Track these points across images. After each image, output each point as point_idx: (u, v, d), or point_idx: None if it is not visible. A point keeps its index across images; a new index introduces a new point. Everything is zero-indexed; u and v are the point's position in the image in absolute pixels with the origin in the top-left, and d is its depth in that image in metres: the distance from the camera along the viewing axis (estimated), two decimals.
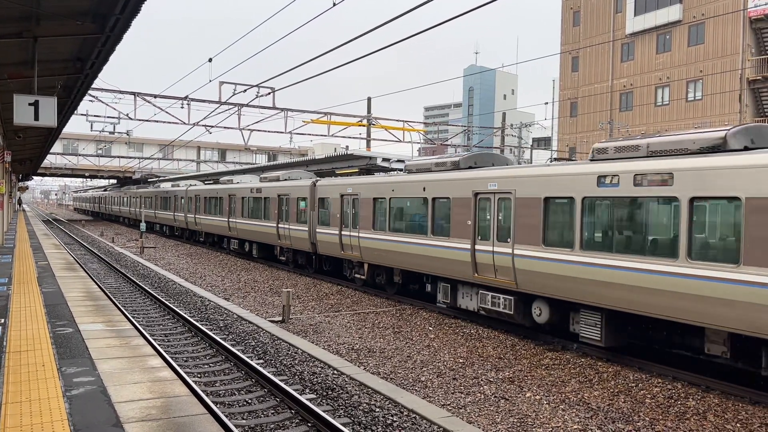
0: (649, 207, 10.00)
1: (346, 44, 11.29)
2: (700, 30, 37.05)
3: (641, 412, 8.59)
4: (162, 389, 6.37)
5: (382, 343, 12.31)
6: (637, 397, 9.19)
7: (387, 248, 16.64)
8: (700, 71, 36.93)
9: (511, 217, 12.54)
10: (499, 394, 9.23)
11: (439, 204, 14.78)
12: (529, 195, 12.11)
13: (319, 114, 33.54)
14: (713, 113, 36.17)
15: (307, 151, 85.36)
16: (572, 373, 10.40)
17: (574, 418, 8.30)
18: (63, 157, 63.03)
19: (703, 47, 36.87)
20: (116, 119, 29.31)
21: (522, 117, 67.82)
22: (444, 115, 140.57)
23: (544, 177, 11.86)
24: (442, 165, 15.40)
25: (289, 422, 7.94)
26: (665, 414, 8.51)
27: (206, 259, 28.52)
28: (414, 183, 15.71)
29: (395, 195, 16.39)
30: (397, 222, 16.40)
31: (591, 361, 11.09)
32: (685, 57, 37.85)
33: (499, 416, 8.32)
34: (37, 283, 13.69)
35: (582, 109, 44.73)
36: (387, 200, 16.70)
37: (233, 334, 12.93)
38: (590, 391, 9.47)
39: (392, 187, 16.52)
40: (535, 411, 8.54)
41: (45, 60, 11.70)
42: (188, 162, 73.02)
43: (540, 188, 11.87)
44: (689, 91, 37.73)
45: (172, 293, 18.20)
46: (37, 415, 5.49)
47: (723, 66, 35.70)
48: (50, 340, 8.31)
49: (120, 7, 8.61)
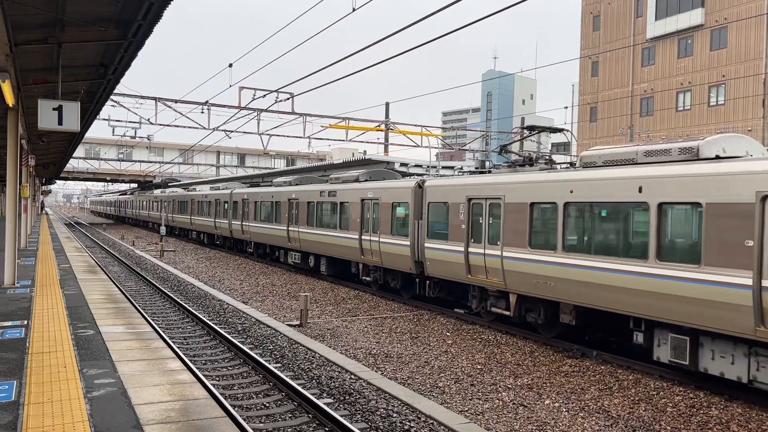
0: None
1: (364, 50, 11.33)
2: (722, 34, 36.61)
3: (662, 420, 8.47)
4: (181, 392, 6.41)
5: (400, 348, 12.28)
6: (659, 406, 9.06)
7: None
8: (722, 76, 36.47)
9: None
10: (517, 400, 9.16)
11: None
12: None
13: (337, 119, 33.67)
14: (736, 118, 35.68)
15: (325, 155, 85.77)
16: (592, 380, 10.28)
17: (593, 426, 8.21)
18: (85, 161, 63.95)
19: (725, 51, 36.41)
20: (137, 124, 29.69)
21: (541, 122, 67.44)
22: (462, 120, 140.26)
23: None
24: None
25: (306, 426, 7.95)
26: (687, 423, 8.38)
27: (225, 262, 28.71)
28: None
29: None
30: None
31: (611, 368, 10.96)
32: (707, 61, 37.41)
33: (517, 423, 8.25)
34: (60, 286, 13.88)
35: (602, 114, 44.39)
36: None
37: (251, 337, 12.99)
38: (610, 398, 9.35)
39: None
40: (554, 418, 8.45)
41: (69, 65, 11.88)
42: (208, 167, 73.73)
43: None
44: (711, 95, 37.27)
45: (191, 296, 18.35)
46: (58, 416, 5.55)
47: (746, 70, 35.21)
48: (72, 342, 8.41)
49: (143, 13, 8.73)
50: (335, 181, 22.02)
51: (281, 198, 25.46)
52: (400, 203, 17.28)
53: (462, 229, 14.57)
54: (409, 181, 17.29)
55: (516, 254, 12.84)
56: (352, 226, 19.61)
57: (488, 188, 13.87)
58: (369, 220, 18.76)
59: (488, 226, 13.82)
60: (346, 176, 21.37)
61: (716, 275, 9.08)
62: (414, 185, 16.73)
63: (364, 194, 19.13)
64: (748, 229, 8.70)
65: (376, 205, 18.48)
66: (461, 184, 14.91)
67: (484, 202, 13.97)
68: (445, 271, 15.27)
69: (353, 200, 19.67)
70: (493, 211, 13.73)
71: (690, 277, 9.42)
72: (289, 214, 24.55)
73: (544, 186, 12.28)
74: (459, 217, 14.75)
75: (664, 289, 9.78)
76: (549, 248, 12.08)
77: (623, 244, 10.70)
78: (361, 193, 19.25)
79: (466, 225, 14.45)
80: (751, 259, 8.63)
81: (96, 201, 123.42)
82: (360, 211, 19.17)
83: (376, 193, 18.44)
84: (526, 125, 17.46)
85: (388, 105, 38.77)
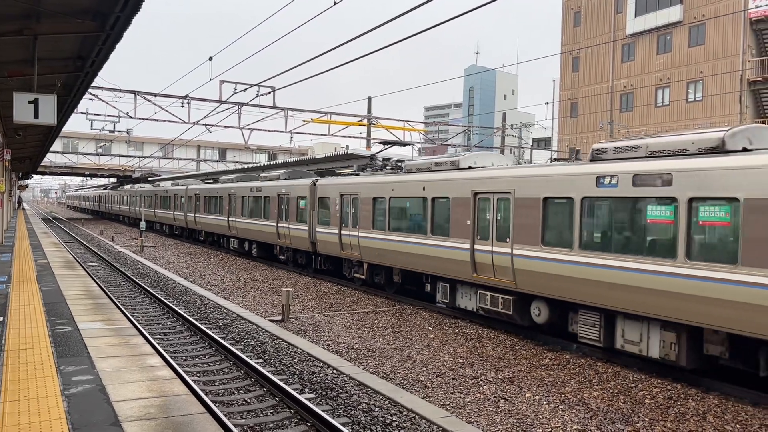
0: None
1: (346, 44, 11.27)
2: (700, 31, 37.04)
3: (641, 412, 8.58)
4: (161, 388, 6.35)
5: (382, 342, 12.30)
6: (637, 398, 9.18)
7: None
8: (700, 72, 36.92)
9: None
10: (498, 394, 9.22)
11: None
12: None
13: (319, 113, 33.53)
14: (713, 114, 36.16)
15: (307, 150, 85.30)
16: (572, 373, 10.38)
17: (573, 418, 8.29)
18: (63, 156, 62.97)
19: (703, 48, 36.86)
20: (116, 118, 29.32)
21: (522, 117, 67.79)
22: (444, 115, 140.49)
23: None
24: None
25: (288, 422, 7.93)
26: (665, 415, 8.50)
27: (206, 258, 28.50)
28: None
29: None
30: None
31: (591, 361, 11.07)
32: (685, 58, 37.84)
33: (498, 416, 8.30)
34: (37, 282, 13.68)
35: (582, 110, 44.73)
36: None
37: (232, 333, 12.91)
38: (590, 391, 9.46)
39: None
40: (535, 411, 8.52)
41: (45, 58, 11.68)
42: (188, 161, 73.01)
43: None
44: (689, 92, 37.72)
45: (171, 292, 18.19)
46: (35, 414, 5.47)
47: (723, 67, 35.69)
48: (49, 339, 8.29)
49: (120, 5, 8.59)
50: (263, 179, 26.45)
51: (223, 193, 29.88)
52: (302, 197, 21.85)
53: (337, 217, 19.23)
54: (308, 180, 21.76)
55: (368, 234, 17.59)
56: (272, 215, 24.21)
57: (351, 187, 18.57)
58: (283, 211, 23.28)
59: (352, 215, 18.41)
60: (271, 175, 25.92)
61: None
62: (310, 183, 21.25)
63: (279, 190, 23.66)
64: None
65: (288, 199, 22.94)
66: (336, 183, 19.69)
67: (350, 197, 18.65)
68: (328, 249, 20.04)
69: (272, 195, 24.28)
70: (356, 203, 18.28)
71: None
72: (229, 206, 28.96)
73: (380, 186, 17.08)
74: (335, 207, 19.42)
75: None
76: (379, 229, 17.07)
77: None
78: (278, 189, 23.78)
79: (339, 214, 19.09)
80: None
81: (73, 196, 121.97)
82: (277, 203, 23.75)
83: (288, 189, 23.00)
84: (381, 140, 21.69)
85: (371, 100, 38.70)
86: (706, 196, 9.12)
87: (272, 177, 25.60)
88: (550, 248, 11.59)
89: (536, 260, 11.87)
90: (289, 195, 22.81)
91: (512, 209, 12.50)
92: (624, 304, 10.15)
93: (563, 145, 45.93)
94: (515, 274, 12.39)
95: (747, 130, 9.63)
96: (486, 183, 13.29)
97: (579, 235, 11.02)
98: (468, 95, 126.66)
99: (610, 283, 10.35)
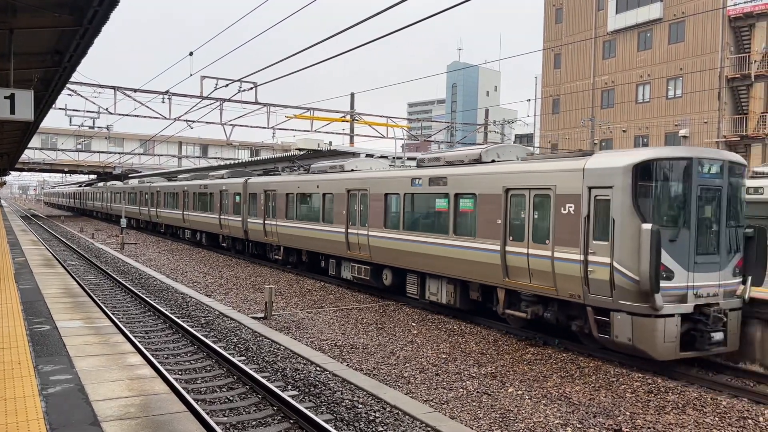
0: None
1: (329, 39, 11.22)
2: (680, 28, 37.41)
3: (622, 406, 8.66)
4: (141, 387, 6.28)
5: (365, 339, 12.29)
6: (618, 392, 9.27)
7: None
8: (680, 69, 37.30)
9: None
10: (481, 389, 9.26)
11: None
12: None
13: (302, 109, 33.38)
14: (693, 111, 36.58)
15: (290, 146, 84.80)
16: (554, 368, 10.46)
17: (555, 412, 8.35)
18: (41, 152, 62.06)
19: (683, 45, 37.24)
20: (96, 114, 28.94)
21: (505, 114, 68.09)
22: (428, 112, 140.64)
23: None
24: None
25: (271, 419, 7.89)
26: (645, 408, 8.59)
27: (188, 255, 28.28)
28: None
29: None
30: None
31: (572, 356, 11.16)
32: (665, 55, 38.20)
33: (481, 411, 8.34)
34: (14, 280, 13.46)
35: (564, 106, 45.00)
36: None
37: (215, 330, 12.82)
38: (572, 385, 9.53)
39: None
40: (517, 406, 8.57)
41: (21, 52, 11.47)
42: (169, 157, 72.33)
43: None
44: (669, 88, 38.10)
45: (152, 290, 18.01)
46: (12, 414, 5.38)
47: (702, 64, 36.10)
48: (27, 338, 8.16)
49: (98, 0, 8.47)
50: (210, 177, 30.12)
51: (179, 190, 33.53)
52: (237, 193, 25.64)
53: (262, 210, 23.31)
54: (242, 178, 25.49)
55: (283, 223, 21.64)
56: (215, 209, 27.95)
57: (272, 185, 22.80)
58: (225, 205, 26.89)
59: (272, 208, 22.53)
60: (216, 174, 29.62)
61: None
62: (243, 181, 25.14)
63: (221, 187, 27.32)
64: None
65: (227, 194, 26.61)
66: (261, 181, 23.77)
67: (271, 193, 22.77)
68: (256, 236, 24.12)
69: (216, 191, 27.96)
70: (275, 198, 22.41)
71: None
72: (184, 202, 32.54)
73: (290, 184, 21.33)
74: (261, 201, 23.45)
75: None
76: (290, 218, 21.23)
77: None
78: (220, 187, 27.47)
79: (264, 207, 23.17)
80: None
81: (51, 193, 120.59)
82: (220, 198, 27.43)
83: (227, 187, 26.71)
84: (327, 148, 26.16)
85: (353, 96, 38.59)
86: (462, 192, 13.51)
87: (217, 176, 29.39)
88: (389, 230, 15.90)
89: (382, 239, 16.13)
90: (228, 191, 26.55)
91: (368, 203, 16.80)
92: (428, 268, 14.51)
93: (545, 142, 46.20)
94: (370, 250, 16.60)
95: (498, 147, 14.19)
96: (354, 183, 17.58)
97: (403, 220, 15.43)
98: (451, 92, 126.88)
99: (422, 254, 14.64)
